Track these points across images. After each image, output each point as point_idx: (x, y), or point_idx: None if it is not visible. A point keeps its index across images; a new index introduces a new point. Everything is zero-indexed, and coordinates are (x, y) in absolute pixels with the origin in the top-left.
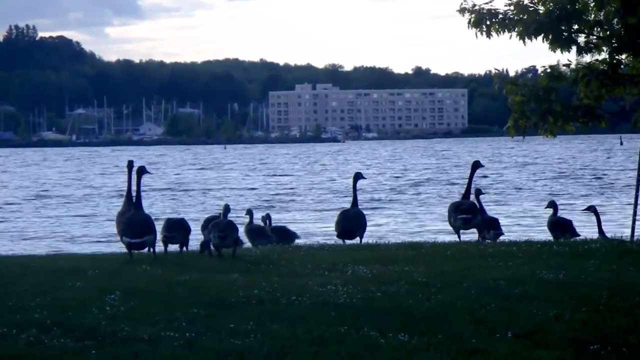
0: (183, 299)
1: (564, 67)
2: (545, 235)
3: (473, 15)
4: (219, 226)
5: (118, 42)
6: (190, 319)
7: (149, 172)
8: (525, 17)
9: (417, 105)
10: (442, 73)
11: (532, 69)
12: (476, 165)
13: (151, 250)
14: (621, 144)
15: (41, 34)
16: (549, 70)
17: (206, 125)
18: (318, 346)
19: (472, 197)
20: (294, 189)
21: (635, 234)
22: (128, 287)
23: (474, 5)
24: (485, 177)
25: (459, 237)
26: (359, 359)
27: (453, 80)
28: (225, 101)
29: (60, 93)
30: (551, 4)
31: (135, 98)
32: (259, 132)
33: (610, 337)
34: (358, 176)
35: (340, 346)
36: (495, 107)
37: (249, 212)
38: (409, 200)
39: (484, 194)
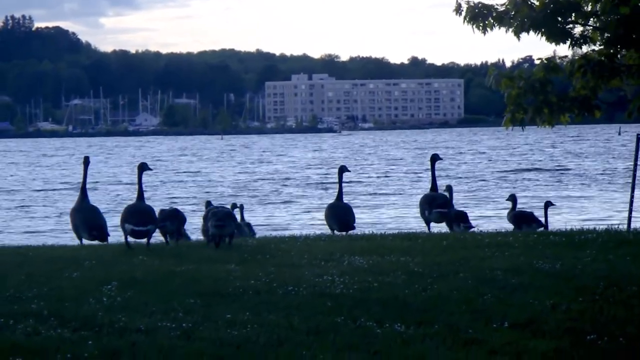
0: (180, 290)
1: (560, 59)
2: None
3: (469, 13)
4: (217, 215)
5: (114, 32)
6: (187, 310)
7: (150, 169)
8: (520, 13)
9: (414, 95)
10: (439, 63)
11: (529, 59)
12: (434, 158)
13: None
14: (619, 134)
15: (37, 24)
16: (545, 61)
17: (202, 116)
18: (314, 336)
19: (441, 190)
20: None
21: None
22: (125, 277)
23: (469, 2)
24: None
25: (429, 228)
26: (355, 349)
27: (449, 71)
28: (221, 92)
29: (56, 83)
30: None
31: (131, 89)
32: (255, 123)
33: (607, 327)
34: (343, 169)
35: (336, 336)
36: (492, 97)
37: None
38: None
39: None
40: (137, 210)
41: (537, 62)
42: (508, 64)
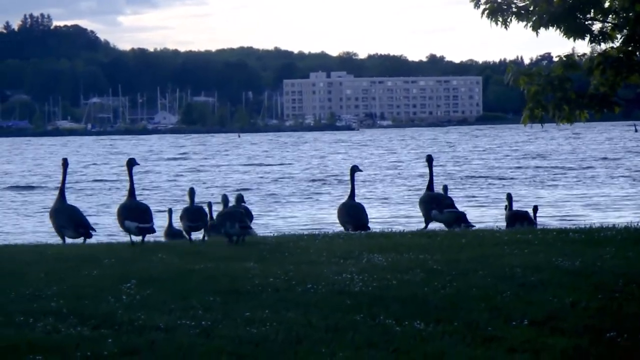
0: (198, 288)
1: (579, 57)
2: (559, 222)
3: (487, 6)
4: (236, 216)
5: (131, 30)
6: (206, 307)
7: (138, 164)
8: (538, 8)
9: (432, 93)
10: (457, 60)
11: (548, 56)
12: (430, 158)
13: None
14: (636, 131)
15: (55, 22)
16: (564, 58)
17: (220, 114)
18: (333, 333)
19: (439, 190)
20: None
21: None
22: (143, 275)
23: None
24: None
25: (427, 226)
26: (374, 346)
27: (467, 68)
28: (239, 89)
29: (74, 82)
30: None
31: (149, 87)
32: (274, 121)
33: (626, 324)
34: (355, 169)
35: (355, 333)
36: (510, 95)
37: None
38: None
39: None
40: (139, 208)
41: (555, 59)
42: (527, 61)
